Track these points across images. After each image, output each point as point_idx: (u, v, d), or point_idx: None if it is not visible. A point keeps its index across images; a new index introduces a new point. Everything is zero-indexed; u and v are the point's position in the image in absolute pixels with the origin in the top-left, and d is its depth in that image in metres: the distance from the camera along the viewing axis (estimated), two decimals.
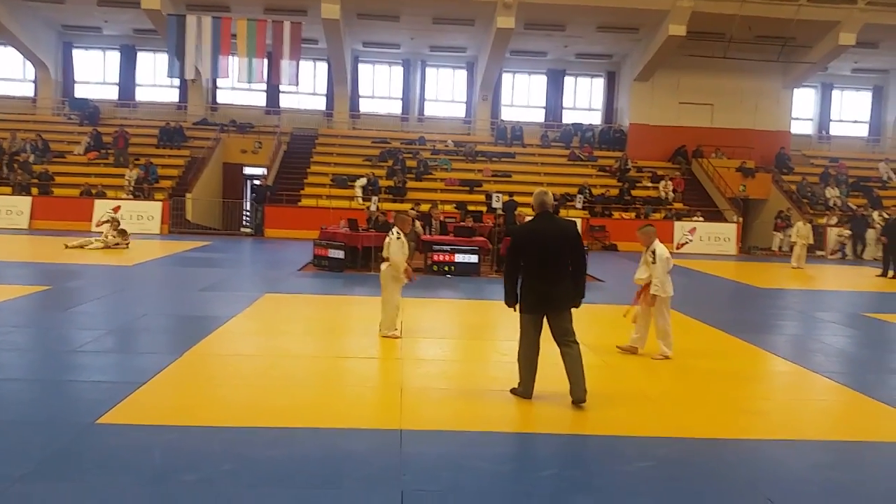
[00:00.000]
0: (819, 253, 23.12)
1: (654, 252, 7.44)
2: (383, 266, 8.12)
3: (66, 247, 16.06)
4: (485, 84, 28.70)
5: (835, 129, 31.80)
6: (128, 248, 16.53)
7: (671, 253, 7.85)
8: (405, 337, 8.03)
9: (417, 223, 15.44)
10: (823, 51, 26.23)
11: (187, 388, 5.85)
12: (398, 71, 30.04)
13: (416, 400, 5.64)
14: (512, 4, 23.81)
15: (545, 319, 5.69)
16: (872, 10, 24.60)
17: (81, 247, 16.14)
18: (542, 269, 5.58)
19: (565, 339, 5.66)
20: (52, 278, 11.36)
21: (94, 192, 22.65)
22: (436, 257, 14.54)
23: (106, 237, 16.59)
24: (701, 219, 24.24)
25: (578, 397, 5.55)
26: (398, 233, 8.05)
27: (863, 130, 31.91)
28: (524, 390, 5.73)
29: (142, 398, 5.44)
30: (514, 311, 5.76)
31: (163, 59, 26.47)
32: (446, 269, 14.37)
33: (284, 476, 4.12)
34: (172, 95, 29.26)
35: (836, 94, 31.70)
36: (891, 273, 17.13)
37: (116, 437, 4.65)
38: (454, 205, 22.66)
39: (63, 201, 22.45)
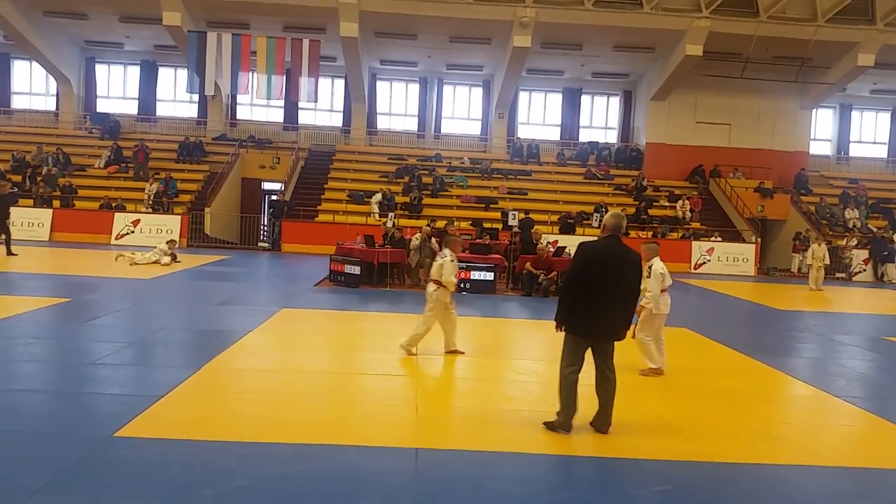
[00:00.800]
0: (839, 275, 22.89)
1: (650, 267, 7.44)
2: (431, 287, 8.03)
3: (119, 258, 16.27)
4: (501, 102, 28.81)
5: (854, 150, 31.57)
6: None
7: (688, 272, 7.80)
8: (421, 355, 8.02)
9: (433, 240, 15.47)
10: (842, 72, 26.12)
11: (204, 403, 5.87)
12: (415, 88, 30.23)
13: (432, 418, 5.63)
14: (529, 24, 23.93)
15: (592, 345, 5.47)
16: (891, 31, 24.50)
17: (136, 262, 16.21)
18: (601, 293, 5.30)
19: (608, 367, 5.45)
20: (72, 290, 11.46)
21: (113, 205, 22.89)
22: None
23: (161, 257, 16.60)
24: (719, 239, 24.09)
25: (603, 428, 5.46)
26: (452, 255, 8.01)
27: (882, 151, 31.66)
28: (563, 420, 5.39)
29: (159, 412, 5.47)
30: (560, 331, 5.48)
31: (183, 74, 26.85)
32: (462, 286, 14.36)
33: (299, 493, 4.11)
34: (192, 111, 29.60)
35: (855, 114, 31.52)
36: None
37: (133, 450, 4.67)
38: (470, 222, 22.68)
39: (83, 214, 22.70)
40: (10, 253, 16.34)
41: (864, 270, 23.31)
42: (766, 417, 6.39)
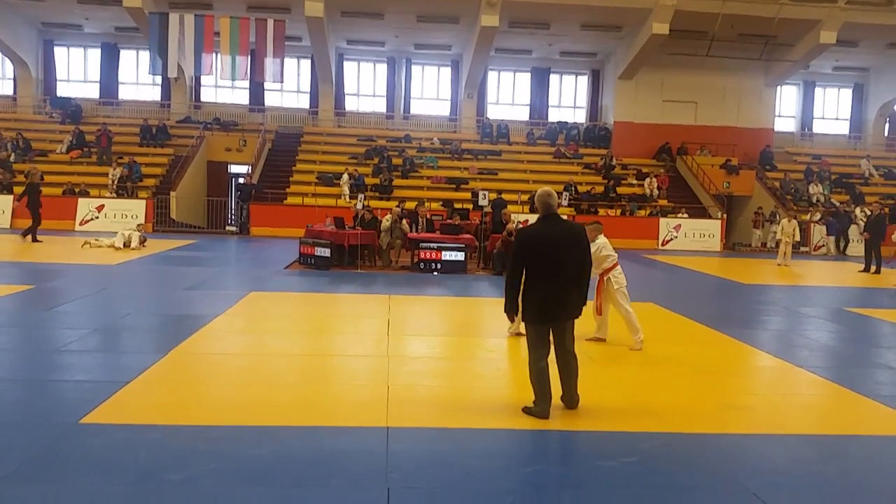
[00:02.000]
0: (803, 249, 23.33)
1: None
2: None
3: (86, 245, 16.10)
4: (470, 82, 28.71)
5: (817, 127, 32.10)
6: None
7: (656, 248, 7.96)
8: (392, 336, 8.02)
9: (404, 221, 15.44)
10: (805, 49, 26.46)
11: (172, 387, 5.81)
12: (383, 69, 29.99)
13: (402, 397, 5.63)
14: (496, 3, 23.81)
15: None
16: (852, 8, 24.85)
17: (104, 246, 16.15)
18: (552, 275, 5.17)
19: (569, 349, 5.38)
20: (35, 278, 11.24)
21: (77, 190, 22.45)
22: (423, 255, 14.53)
23: (129, 241, 16.45)
24: (686, 216, 24.38)
25: (571, 405, 5.45)
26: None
27: (844, 128, 32.23)
28: (541, 409, 5.26)
29: (126, 397, 5.40)
30: (512, 322, 5.40)
31: (145, 56, 26.37)
32: (433, 266, 14.37)
33: (270, 475, 4.10)
34: (155, 94, 29.05)
35: (818, 91, 32.01)
36: (872, 268, 17.34)
37: (100, 436, 4.61)
38: (441, 202, 22.65)
39: (46, 200, 22.09)
40: (35, 240, 17.03)
41: (826, 245, 23.77)
42: (731, 389, 6.51)
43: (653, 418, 5.41)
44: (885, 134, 31.90)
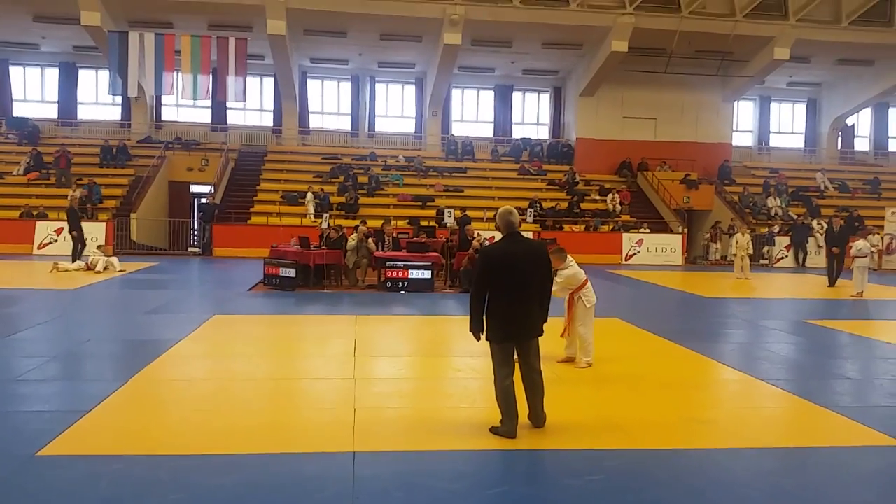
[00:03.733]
0: (763, 262, 23.81)
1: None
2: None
3: (55, 269, 15.80)
4: (434, 99, 28.87)
5: (774, 141, 32.91)
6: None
7: (619, 263, 8.02)
8: (359, 356, 7.98)
9: (370, 240, 15.40)
10: (760, 65, 27.16)
11: (133, 416, 5.69)
12: (347, 86, 30.02)
13: (369, 421, 5.60)
14: (458, 21, 24.05)
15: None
16: (803, 26, 25.65)
17: (67, 270, 15.97)
18: (515, 293, 5.20)
19: (534, 367, 5.39)
20: None
21: (35, 213, 21.98)
22: (389, 273, 14.50)
23: (95, 264, 16.29)
24: (648, 230, 24.74)
25: (538, 424, 5.44)
26: None
27: (800, 142, 33.09)
28: (508, 429, 5.24)
29: (86, 427, 5.28)
30: (478, 340, 5.35)
31: (104, 76, 26.00)
32: (400, 285, 14.34)
33: None
34: (115, 113, 28.68)
35: (774, 106, 32.85)
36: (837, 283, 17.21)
37: (58, 469, 4.50)
38: (407, 220, 22.66)
39: (2, 223, 21.70)
40: (74, 260, 16.96)
41: (787, 256, 24.29)
42: (695, 403, 6.59)
43: (618, 435, 5.45)
44: (838, 147, 32.80)
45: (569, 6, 24.49)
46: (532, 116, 31.60)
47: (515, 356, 5.39)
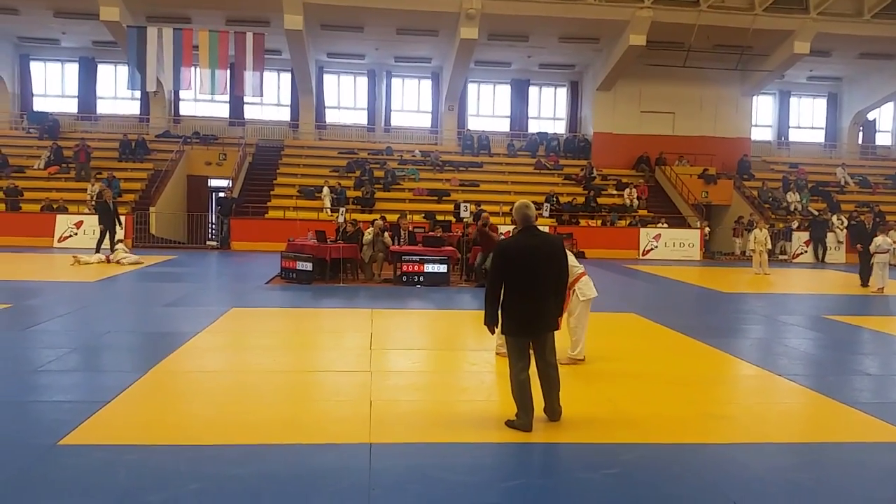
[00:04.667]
0: (782, 257, 23.62)
1: None
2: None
3: (76, 262, 16.05)
4: (450, 94, 28.84)
5: (793, 136, 32.57)
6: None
7: (637, 258, 7.87)
8: (374, 349, 8.01)
9: (386, 234, 15.43)
10: (779, 59, 26.87)
11: (152, 407, 5.76)
12: (363, 81, 30.05)
13: (385, 413, 5.62)
14: (475, 16, 23.99)
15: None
16: (824, 19, 25.32)
17: (90, 262, 16.28)
18: (531, 288, 5.18)
19: (549, 362, 5.38)
20: (13, 296, 11.10)
21: (55, 206, 22.24)
22: (405, 267, 14.53)
23: (118, 255, 16.69)
24: (665, 225, 24.59)
25: (554, 417, 5.43)
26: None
27: (820, 136, 32.72)
28: (523, 423, 5.23)
29: (105, 418, 5.34)
30: (493, 333, 5.42)
31: (123, 71, 26.22)
32: (416, 279, 14.37)
33: (252, 494, 4.07)
34: (134, 108, 28.90)
35: (793, 101, 32.49)
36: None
37: (79, 458, 4.56)
38: (423, 215, 22.69)
39: (23, 217, 21.99)
40: (98, 251, 17.24)
41: (806, 252, 24.07)
42: (712, 398, 6.56)
43: (634, 429, 5.44)
44: (859, 142, 32.41)
45: (586, 0, 24.33)
46: (549, 111, 31.48)
47: (531, 350, 5.38)
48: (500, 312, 5.29)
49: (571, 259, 7.42)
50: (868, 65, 29.08)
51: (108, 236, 17.59)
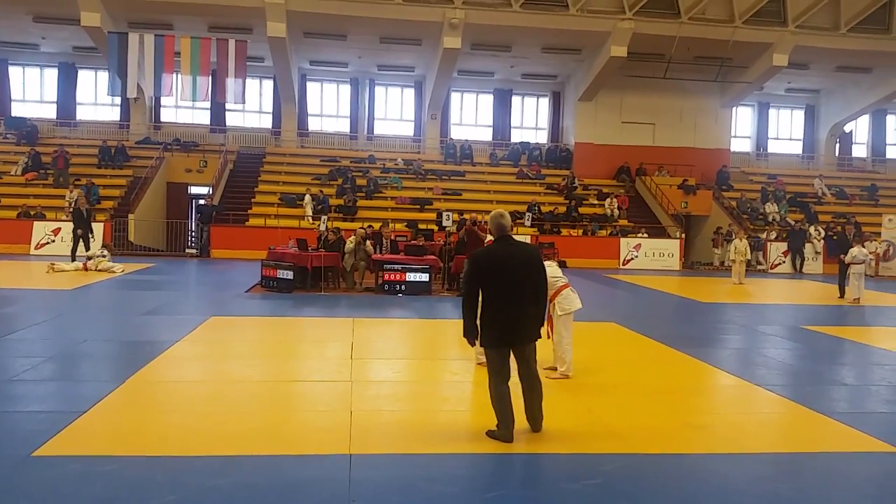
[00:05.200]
0: (759, 267, 23.86)
1: None
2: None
3: (51, 269, 15.90)
4: (433, 103, 28.90)
5: (772, 147, 32.97)
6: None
7: (617, 268, 7.86)
8: (356, 359, 7.97)
9: (368, 242, 15.39)
10: (758, 71, 27.22)
11: (129, 417, 5.68)
12: (346, 89, 30.03)
13: (366, 423, 5.59)
14: (458, 25, 24.08)
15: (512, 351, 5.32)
16: (802, 32, 25.72)
17: (64, 270, 16.14)
18: (507, 297, 5.13)
19: (532, 370, 5.34)
20: None
21: (32, 213, 21.95)
22: (387, 276, 14.49)
23: (97, 263, 16.57)
24: (645, 235, 24.76)
25: (535, 427, 5.42)
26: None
27: (798, 148, 33.15)
28: (503, 433, 5.21)
29: (81, 428, 5.27)
30: (472, 346, 5.33)
31: (104, 76, 25.98)
32: (397, 288, 14.34)
33: None
34: (114, 114, 28.66)
35: (772, 112, 32.91)
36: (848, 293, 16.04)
37: (53, 469, 4.49)
38: (405, 223, 22.66)
39: (0, 223, 21.71)
40: (74, 259, 17.15)
41: (784, 262, 24.33)
42: (691, 408, 6.59)
43: (615, 440, 5.45)
44: (836, 154, 32.87)
45: (568, 11, 24.54)
46: (531, 120, 31.64)
47: (512, 360, 5.36)
48: (478, 323, 5.25)
49: (554, 271, 7.39)
50: (845, 77, 29.55)
51: (81, 243, 17.51)
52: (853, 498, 4.56)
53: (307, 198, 23.72)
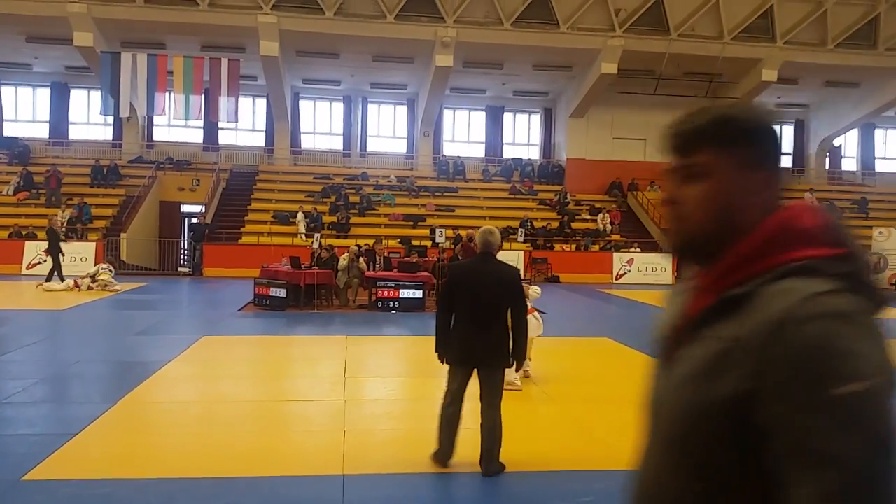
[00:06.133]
0: None
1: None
2: None
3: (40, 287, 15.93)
4: (426, 120, 29.03)
5: None
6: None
7: (610, 283, 7.92)
8: (349, 377, 7.95)
9: (361, 260, 15.40)
10: (748, 86, 27.45)
11: (121, 439, 5.65)
12: (339, 107, 30.14)
13: (359, 443, 5.57)
14: (450, 44, 24.25)
15: (476, 375, 5.01)
16: (790, 48, 25.99)
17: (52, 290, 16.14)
18: (475, 315, 4.91)
19: (490, 403, 4.95)
20: None
21: (24, 233, 21.88)
22: (381, 293, 14.48)
23: (96, 281, 16.62)
24: (638, 250, 24.83)
25: (485, 468, 4.93)
26: None
27: (788, 162, 33.36)
28: (440, 455, 4.99)
29: (73, 451, 5.23)
30: (442, 362, 5.08)
31: (96, 96, 26.00)
32: (391, 305, 14.33)
33: None
34: (107, 133, 28.68)
35: None
36: None
37: (43, 494, 4.45)
38: (398, 240, 22.69)
39: None
40: (48, 280, 17.07)
41: None
42: None
43: (608, 456, 5.44)
44: (826, 168, 33.10)
45: (559, 29, 24.75)
46: (523, 137, 31.80)
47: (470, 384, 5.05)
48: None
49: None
50: (833, 92, 29.84)
51: (60, 261, 17.54)
52: None
53: (300, 215, 23.74)
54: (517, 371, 5.62)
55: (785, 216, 1.18)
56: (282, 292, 14.12)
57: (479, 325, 4.91)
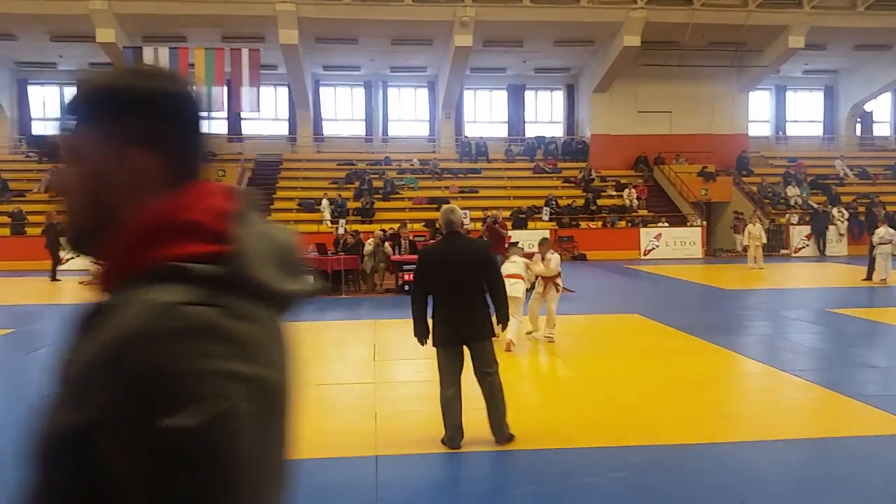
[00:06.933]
0: (784, 252, 23.59)
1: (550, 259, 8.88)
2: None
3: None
4: (447, 102, 28.89)
5: (791, 130, 32.52)
6: None
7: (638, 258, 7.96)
8: (378, 360, 8.00)
9: (386, 244, 15.44)
10: (775, 54, 26.89)
11: None
12: (360, 92, 30.12)
13: (390, 424, 5.62)
14: (469, 23, 24.05)
15: (467, 352, 5.12)
16: (817, 13, 25.34)
17: None
18: (452, 295, 4.98)
19: (484, 371, 5.09)
20: (16, 320, 11.12)
21: (57, 229, 22.25)
22: (407, 277, 14.50)
23: None
24: (666, 224, 24.57)
25: (498, 438, 5.06)
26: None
27: (818, 130, 32.69)
28: (449, 439, 5.01)
29: None
30: (424, 345, 5.14)
31: None
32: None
33: None
34: None
35: (790, 95, 32.45)
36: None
37: None
38: (423, 223, 22.70)
39: (25, 240, 22.03)
40: (54, 279, 17.33)
41: (807, 245, 24.02)
42: (717, 397, 6.54)
43: (641, 431, 5.42)
44: (857, 134, 32.39)
45: (579, 3, 24.40)
46: (545, 115, 31.51)
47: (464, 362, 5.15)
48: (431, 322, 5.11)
49: (509, 268, 8.35)
50: (863, 56, 29.07)
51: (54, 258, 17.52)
52: (887, 483, 4.49)
53: (325, 202, 23.84)
54: (503, 331, 5.84)
55: (172, 205, 1.00)
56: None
57: (459, 302, 5.00)
